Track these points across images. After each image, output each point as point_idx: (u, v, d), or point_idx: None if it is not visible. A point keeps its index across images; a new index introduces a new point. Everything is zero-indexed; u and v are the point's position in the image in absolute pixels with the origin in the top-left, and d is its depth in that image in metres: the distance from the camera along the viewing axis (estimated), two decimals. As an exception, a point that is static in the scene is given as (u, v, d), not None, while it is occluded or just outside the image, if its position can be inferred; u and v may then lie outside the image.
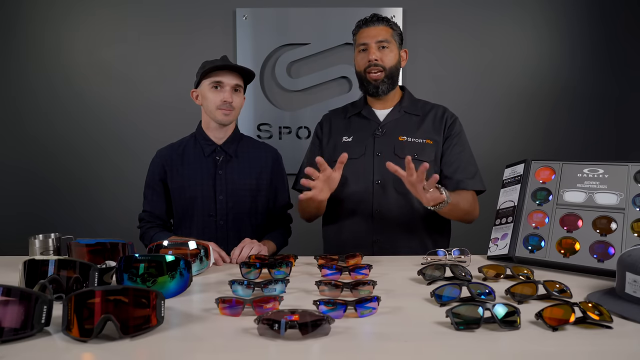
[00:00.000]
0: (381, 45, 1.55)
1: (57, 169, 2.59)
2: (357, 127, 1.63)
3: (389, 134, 1.58)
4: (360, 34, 1.59)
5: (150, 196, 1.69)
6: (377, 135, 1.59)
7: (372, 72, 1.56)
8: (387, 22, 1.58)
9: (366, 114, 1.64)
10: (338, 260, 1.26)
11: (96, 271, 0.97)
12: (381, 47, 1.55)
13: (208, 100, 1.61)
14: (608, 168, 1.31)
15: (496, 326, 0.79)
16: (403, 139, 1.56)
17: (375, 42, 1.55)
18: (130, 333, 0.76)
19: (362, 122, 1.63)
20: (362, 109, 1.65)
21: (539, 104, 2.57)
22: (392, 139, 1.57)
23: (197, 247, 1.25)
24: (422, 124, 1.60)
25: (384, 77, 1.56)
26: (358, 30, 1.60)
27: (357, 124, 1.64)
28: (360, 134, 1.61)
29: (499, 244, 1.39)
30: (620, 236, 1.20)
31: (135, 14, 2.55)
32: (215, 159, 1.66)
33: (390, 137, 1.58)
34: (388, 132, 1.59)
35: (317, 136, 1.72)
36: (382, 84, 1.57)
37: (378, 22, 1.57)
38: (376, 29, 1.56)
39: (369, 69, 1.56)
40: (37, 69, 2.56)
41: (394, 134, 1.58)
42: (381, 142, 1.57)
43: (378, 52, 1.55)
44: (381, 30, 1.56)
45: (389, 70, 1.56)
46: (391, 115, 1.62)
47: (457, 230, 1.72)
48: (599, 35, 2.54)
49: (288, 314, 0.76)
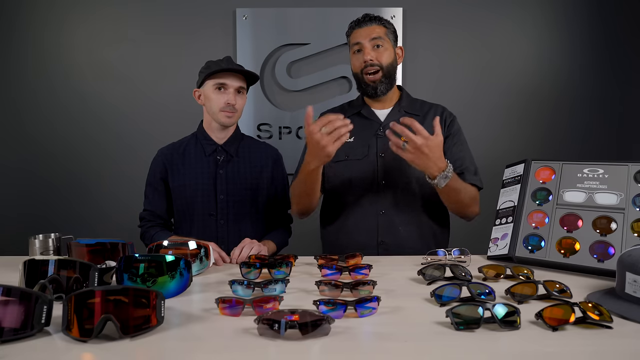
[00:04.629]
0: (375, 44, 1.53)
1: (57, 169, 2.59)
2: (358, 127, 1.61)
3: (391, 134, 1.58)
4: (354, 34, 1.57)
5: (151, 195, 1.69)
6: (379, 136, 1.58)
7: (369, 72, 1.54)
8: (380, 21, 1.56)
9: (366, 114, 1.63)
10: (338, 260, 1.26)
11: (96, 271, 0.97)
12: (375, 45, 1.53)
13: (211, 102, 1.61)
14: (608, 168, 1.31)
15: (496, 326, 0.79)
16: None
17: (369, 41, 1.53)
18: (130, 333, 0.76)
19: (362, 123, 1.62)
20: (362, 109, 1.64)
21: (538, 104, 2.57)
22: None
23: (197, 247, 1.25)
24: (423, 125, 1.59)
25: (381, 77, 1.55)
26: (351, 31, 1.59)
27: (358, 124, 1.61)
28: (362, 134, 1.60)
29: (499, 244, 1.39)
30: (620, 236, 1.20)
31: (135, 14, 2.55)
32: (216, 158, 1.66)
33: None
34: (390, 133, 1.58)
35: None
36: (380, 84, 1.56)
37: (370, 21, 1.55)
38: (369, 28, 1.54)
39: (365, 69, 1.54)
40: (37, 69, 2.56)
41: (396, 134, 1.57)
42: (384, 142, 1.56)
43: (373, 52, 1.53)
44: (374, 29, 1.54)
45: (386, 68, 1.55)
46: (392, 115, 1.61)
47: (457, 231, 1.72)
48: (599, 35, 2.54)
49: (288, 314, 0.76)
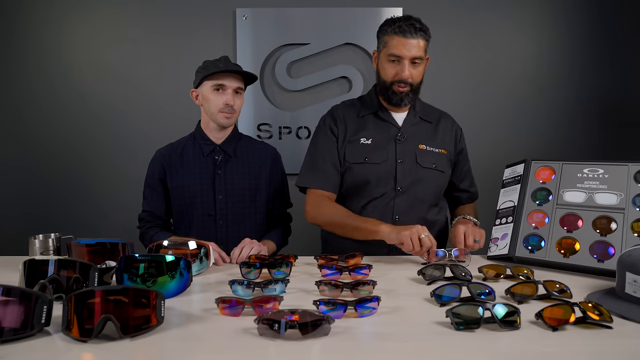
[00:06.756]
0: (414, 62, 1.47)
1: (57, 169, 2.59)
2: (375, 129, 1.58)
3: (410, 140, 1.56)
4: (394, 41, 1.46)
5: (150, 196, 1.69)
6: (398, 141, 1.56)
7: (400, 87, 1.51)
8: (425, 34, 1.47)
9: (383, 116, 1.59)
10: (338, 260, 1.27)
11: (96, 271, 0.97)
12: (414, 62, 1.48)
13: (210, 102, 1.61)
14: (608, 168, 1.31)
15: (496, 326, 0.79)
16: (423, 147, 1.56)
17: (410, 59, 1.46)
18: (130, 333, 0.76)
19: (379, 125, 1.59)
20: (378, 110, 1.60)
21: (538, 104, 2.57)
22: (413, 147, 1.55)
23: (197, 247, 1.25)
24: (437, 133, 1.61)
25: (409, 91, 1.52)
26: (392, 35, 1.47)
27: (375, 126, 1.58)
28: (380, 137, 1.56)
29: (499, 244, 1.39)
30: (620, 236, 1.20)
31: (135, 14, 2.54)
32: (215, 158, 1.66)
33: (411, 144, 1.56)
34: (409, 139, 1.56)
35: (332, 132, 1.60)
36: (406, 96, 1.52)
37: (416, 33, 1.45)
38: (413, 43, 1.45)
39: (397, 83, 1.50)
40: (37, 69, 2.55)
41: (414, 142, 1.57)
42: (403, 148, 1.55)
43: (411, 69, 1.47)
44: (418, 45, 1.46)
45: (416, 85, 1.53)
46: (408, 120, 1.59)
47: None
48: (599, 35, 2.54)
49: (288, 314, 0.76)
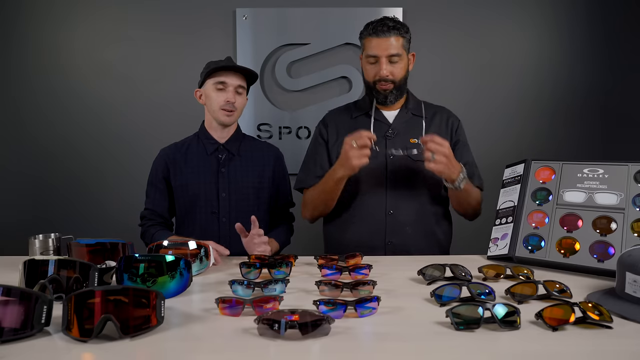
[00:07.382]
0: (391, 59, 1.49)
1: (57, 169, 2.59)
2: (367, 128, 1.58)
3: (400, 135, 1.58)
4: (370, 43, 1.50)
5: (153, 194, 1.69)
6: (388, 137, 1.58)
7: (382, 85, 1.53)
8: (398, 31, 1.49)
9: (375, 115, 1.61)
10: (338, 260, 1.26)
11: (96, 271, 0.97)
12: (391, 60, 1.49)
13: (211, 100, 1.61)
14: (608, 168, 1.31)
15: (496, 326, 0.79)
16: (414, 142, 1.56)
17: (386, 57, 1.48)
18: (130, 333, 0.76)
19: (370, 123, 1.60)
20: (369, 110, 1.62)
21: (538, 104, 2.57)
22: (403, 141, 1.56)
23: (197, 247, 1.25)
24: (430, 127, 1.61)
25: (392, 89, 1.54)
26: (367, 37, 1.52)
27: (366, 125, 1.60)
28: None
29: (499, 244, 1.39)
30: (620, 236, 1.20)
31: (135, 14, 2.54)
32: (218, 157, 1.66)
33: (402, 139, 1.57)
34: (399, 134, 1.58)
35: (321, 137, 1.67)
36: (390, 94, 1.54)
37: (389, 31, 1.47)
38: (387, 40, 1.47)
39: (379, 82, 1.52)
40: (37, 69, 2.55)
41: (405, 136, 1.58)
42: (393, 143, 1.56)
43: (389, 66, 1.50)
44: (392, 42, 1.48)
45: (399, 82, 1.54)
46: (400, 117, 1.61)
47: (457, 230, 1.72)
48: (599, 35, 2.54)
49: (288, 314, 0.76)
